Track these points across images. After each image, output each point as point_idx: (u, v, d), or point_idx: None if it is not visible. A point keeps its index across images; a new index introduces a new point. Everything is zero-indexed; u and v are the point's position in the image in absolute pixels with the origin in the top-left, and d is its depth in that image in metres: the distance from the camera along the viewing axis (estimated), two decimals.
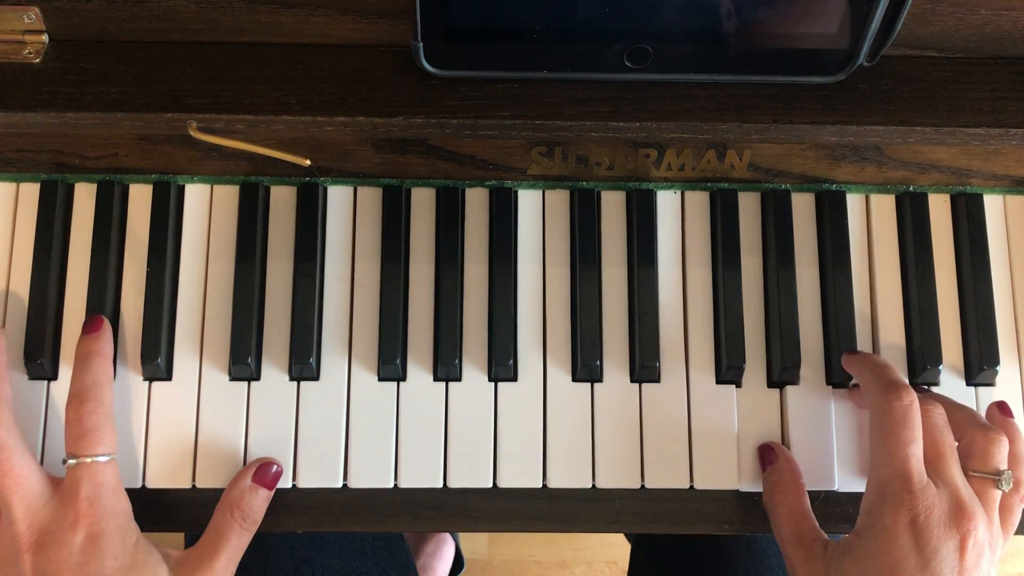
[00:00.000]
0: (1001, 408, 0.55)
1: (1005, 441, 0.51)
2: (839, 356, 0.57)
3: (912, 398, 0.50)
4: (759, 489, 0.56)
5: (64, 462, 0.51)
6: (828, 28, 0.51)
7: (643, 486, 0.56)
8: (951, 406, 0.53)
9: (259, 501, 0.53)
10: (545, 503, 0.56)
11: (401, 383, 0.57)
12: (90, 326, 0.54)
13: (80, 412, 0.51)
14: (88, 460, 0.50)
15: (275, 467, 0.54)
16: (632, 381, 0.57)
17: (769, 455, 0.55)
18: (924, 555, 0.47)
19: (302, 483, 0.55)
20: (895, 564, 0.47)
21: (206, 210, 0.58)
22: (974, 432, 0.51)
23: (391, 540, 0.77)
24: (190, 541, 0.74)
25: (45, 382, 0.56)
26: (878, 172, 0.59)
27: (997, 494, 0.50)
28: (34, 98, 0.52)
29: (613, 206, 0.60)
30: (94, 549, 0.48)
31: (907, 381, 0.53)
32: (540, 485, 0.56)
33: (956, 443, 0.51)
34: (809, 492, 0.56)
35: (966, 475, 0.50)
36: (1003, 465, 0.51)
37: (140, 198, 0.58)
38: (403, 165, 0.58)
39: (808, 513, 0.54)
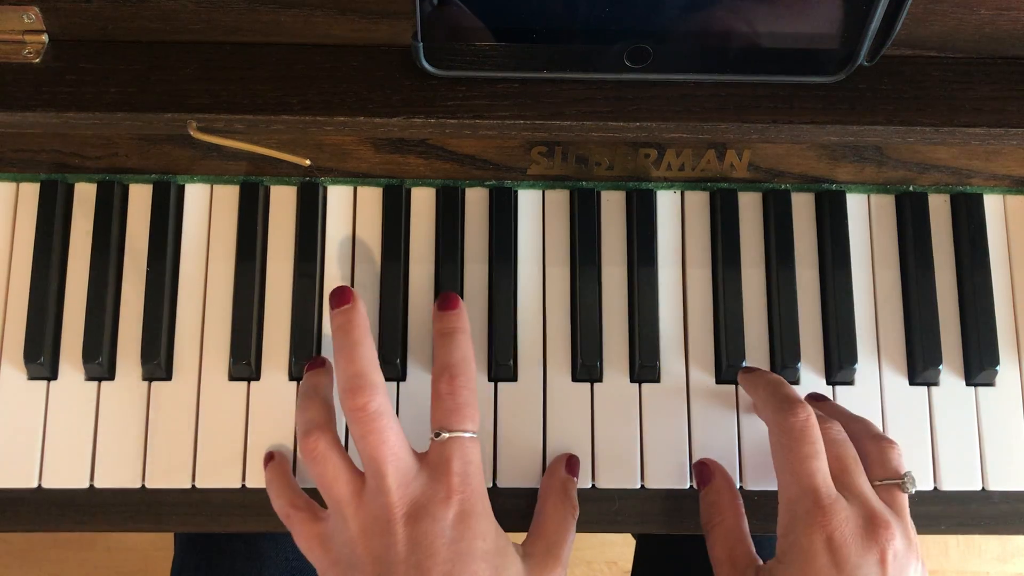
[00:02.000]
0: (815, 396, 0.56)
1: (898, 446, 0.51)
2: (839, 356, 0.57)
3: (808, 413, 0.49)
4: (760, 488, 0.56)
5: (435, 436, 0.49)
6: (828, 28, 0.51)
7: (643, 486, 0.56)
8: (848, 419, 0.53)
9: (575, 492, 0.54)
10: None
11: (401, 383, 0.57)
12: (446, 303, 0.53)
13: (453, 386, 0.49)
14: (459, 435, 0.49)
15: (578, 461, 0.55)
16: (632, 381, 0.57)
17: (705, 473, 0.55)
18: (845, 573, 0.46)
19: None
20: None
21: (206, 210, 0.58)
22: (867, 443, 0.51)
23: None
24: (183, 541, 0.74)
25: (45, 382, 0.56)
26: (878, 172, 0.59)
27: (905, 498, 0.50)
28: (34, 98, 0.52)
29: (613, 206, 0.60)
30: (466, 526, 0.47)
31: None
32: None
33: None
34: None
35: (875, 486, 0.50)
36: (904, 468, 0.50)
37: (140, 198, 0.58)
38: (403, 165, 0.58)
39: (744, 536, 0.53)
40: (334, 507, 0.49)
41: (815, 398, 0.57)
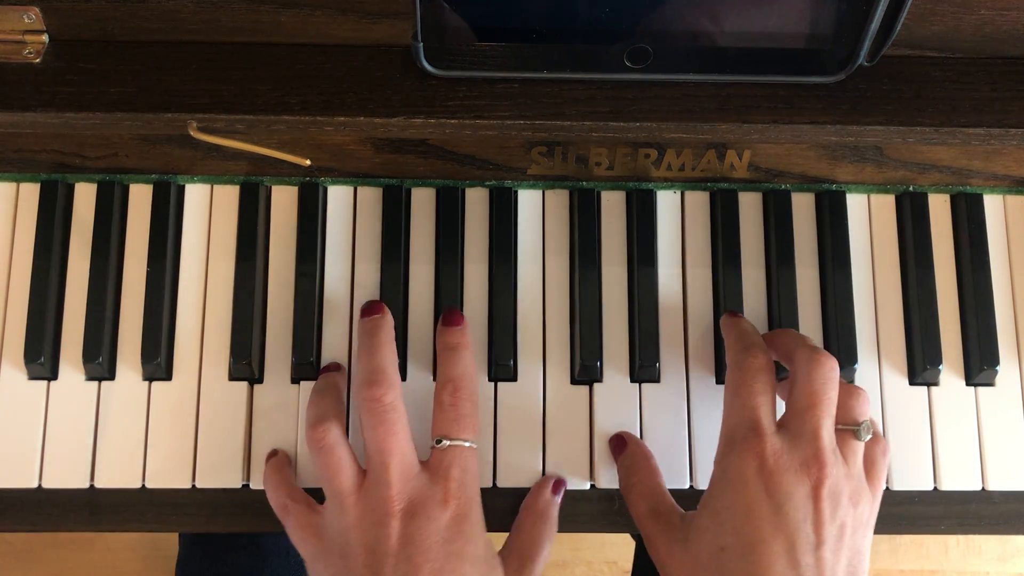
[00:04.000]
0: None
1: (865, 395, 0.51)
2: (839, 356, 0.57)
3: (768, 360, 0.50)
4: None
5: (436, 443, 0.51)
6: (828, 28, 0.51)
7: None
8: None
9: (557, 513, 0.54)
10: None
11: (401, 383, 0.57)
12: (450, 319, 0.55)
13: (456, 398, 0.52)
14: (459, 443, 0.50)
15: (564, 482, 0.56)
16: (632, 381, 0.57)
17: (619, 443, 0.55)
18: (775, 500, 0.46)
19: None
20: (748, 510, 0.47)
21: (206, 210, 0.58)
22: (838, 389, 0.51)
23: None
24: (187, 535, 0.74)
25: (45, 382, 0.56)
26: (878, 172, 0.59)
27: (858, 445, 0.50)
28: (34, 98, 0.52)
29: (613, 206, 0.60)
30: (459, 530, 0.49)
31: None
32: None
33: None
34: None
35: None
36: (862, 417, 0.50)
37: (140, 198, 0.58)
38: (403, 165, 0.58)
39: (663, 490, 0.54)
40: (333, 497, 0.50)
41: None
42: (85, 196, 0.58)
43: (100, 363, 0.55)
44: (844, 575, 0.47)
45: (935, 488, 0.57)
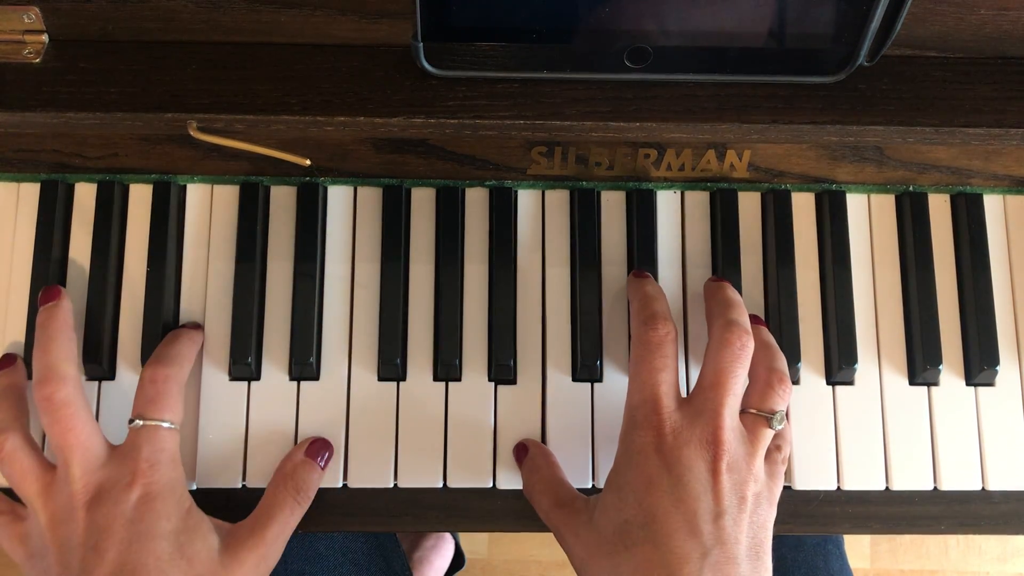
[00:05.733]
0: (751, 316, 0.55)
1: (789, 388, 0.51)
2: (839, 356, 0.57)
3: (668, 331, 0.50)
4: None
5: (129, 423, 0.51)
6: (828, 28, 0.51)
7: None
8: (762, 345, 0.53)
9: (313, 476, 0.53)
10: None
11: (401, 383, 0.57)
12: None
13: (155, 374, 0.51)
14: (153, 423, 0.50)
15: (329, 447, 0.55)
16: None
17: (522, 451, 0.55)
18: (675, 473, 0.47)
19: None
20: (648, 484, 0.47)
21: (206, 210, 0.58)
22: (760, 371, 0.52)
23: (386, 547, 0.76)
24: None
25: None
26: (878, 172, 0.59)
27: (768, 433, 0.50)
28: (34, 98, 0.52)
29: (613, 206, 0.60)
30: (148, 508, 0.48)
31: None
32: None
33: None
34: (807, 492, 0.56)
35: (743, 412, 0.50)
36: (779, 407, 0.51)
37: (140, 198, 0.58)
38: (403, 165, 0.58)
39: (562, 481, 0.54)
40: (28, 504, 0.51)
41: (756, 320, 0.56)
42: (85, 196, 0.58)
43: (100, 363, 0.55)
44: (747, 546, 0.47)
45: (935, 488, 0.57)
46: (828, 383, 0.58)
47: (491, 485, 0.56)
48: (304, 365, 0.56)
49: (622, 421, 0.51)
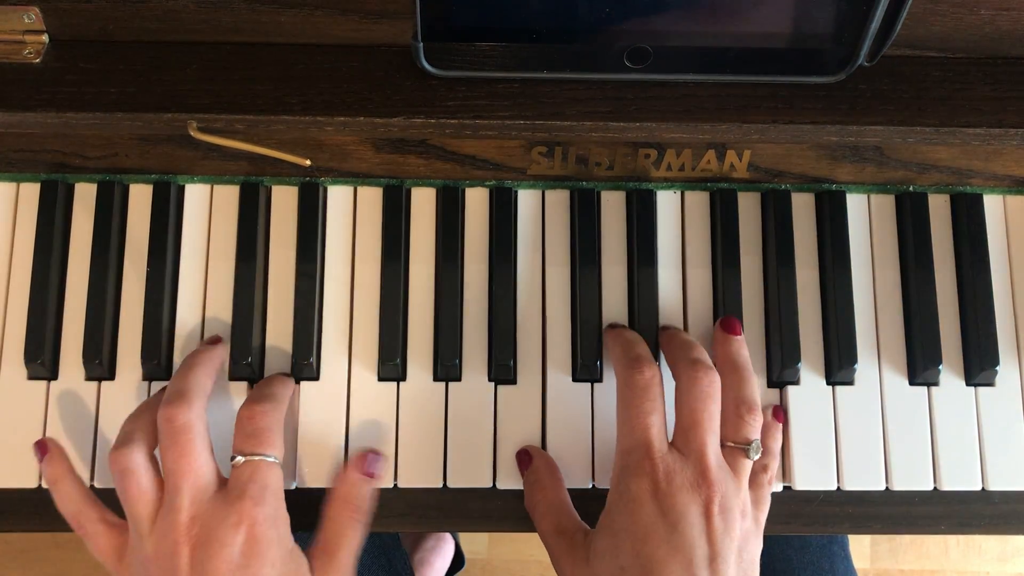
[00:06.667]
0: (774, 412, 0.56)
1: (758, 414, 0.52)
2: (839, 356, 0.57)
3: (653, 373, 0.51)
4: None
5: (232, 460, 0.50)
6: (828, 28, 0.51)
7: None
8: (731, 368, 0.53)
9: (366, 491, 0.53)
10: None
11: (401, 383, 0.57)
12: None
13: (252, 411, 0.51)
14: (256, 459, 0.50)
15: (376, 454, 0.54)
16: None
17: (525, 459, 0.55)
18: (670, 520, 0.48)
19: (302, 484, 0.55)
20: (645, 533, 0.48)
21: (206, 210, 0.58)
22: (729, 403, 0.52)
23: (388, 548, 0.76)
24: None
25: (45, 382, 0.56)
26: (878, 172, 0.59)
27: (747, 463, 0.51)
28: (34, 98, 0.52)
29: (613, 206, 0.60)
30: (254, 553, 0.48)
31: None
32: None
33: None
34: (807, 492, 0.56)
35: (722, 445, 0.51)
36: (753, 436, 0.51)
37: (140, 198, 0.58)
38: (403, 165, 0.58)
39: (567, 506, 0.54)
40: (133, 524, 0.50)
41: (724, 326, 0.56)
42: (85, 196, 0.58)
43: (100, 363, 0.55)
44: None
45: (935, 488, 0.57)
46: (828, 383, 0.58)
47: (491, 485, 0.56)
48: (304, 365, 0.56)
49: (614, 462, 0.51)
